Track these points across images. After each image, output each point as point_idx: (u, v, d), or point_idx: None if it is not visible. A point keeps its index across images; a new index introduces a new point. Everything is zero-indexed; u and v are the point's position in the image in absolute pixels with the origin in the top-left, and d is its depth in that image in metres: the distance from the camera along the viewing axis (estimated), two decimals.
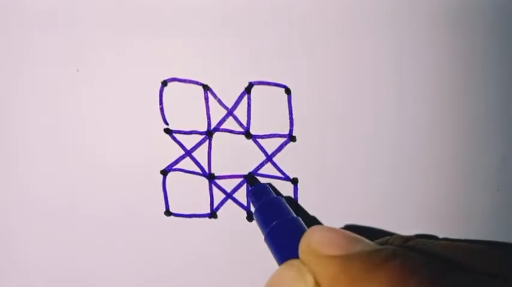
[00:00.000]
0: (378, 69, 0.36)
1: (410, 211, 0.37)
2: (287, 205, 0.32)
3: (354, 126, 0.36)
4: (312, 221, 0.37)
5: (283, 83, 0.36)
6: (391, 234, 0.35)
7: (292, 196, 0.37)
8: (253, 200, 0.34)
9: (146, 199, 0.38)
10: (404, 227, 0.37)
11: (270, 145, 0.37)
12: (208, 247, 0.38)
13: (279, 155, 0.37)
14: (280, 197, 0.33)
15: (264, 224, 0.31)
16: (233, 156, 0.37)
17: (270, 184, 0.37)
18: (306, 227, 0.28)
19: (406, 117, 0.36)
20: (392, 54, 0.35)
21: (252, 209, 0.35)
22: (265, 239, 0.30)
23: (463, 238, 0.37)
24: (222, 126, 0.37)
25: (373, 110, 0.36)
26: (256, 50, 0.36)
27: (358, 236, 0.24)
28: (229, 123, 0.37)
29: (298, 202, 0.37)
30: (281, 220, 0.30)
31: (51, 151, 0.37)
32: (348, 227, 0.37)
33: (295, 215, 0.31)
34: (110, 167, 0.37)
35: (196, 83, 0.36)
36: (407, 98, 0.36)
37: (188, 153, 0.37)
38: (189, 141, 0.37)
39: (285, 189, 0.37)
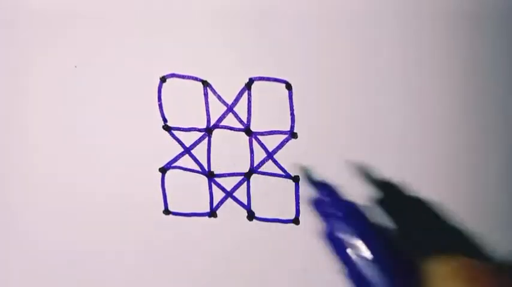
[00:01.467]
0: (381, 64, 0.35)
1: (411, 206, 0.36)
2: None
3: (356, 123, 0.35)
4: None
5: (284, 79, 0.35)
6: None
7: (294, 194, 0.36)
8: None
9: (144, 198, 0.37)
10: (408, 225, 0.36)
11: (271, 142, 0.36)
12: (208, 247, 0.37)
13: (280, 152, 0.36)
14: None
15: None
16: (233, 153, 0.36)
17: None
18: None
19: (410, 115, 0.35)
20: (395, 50, 0.35)
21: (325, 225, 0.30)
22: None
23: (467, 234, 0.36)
24: (222, 123, 0.36)
25: (376, 106, 0.35)
26: (257, 45, 0.35)
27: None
28: (229, 120, 0.36)
29: (299, 201, 0.36)
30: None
31: (48, 147, 0.36)
32: None
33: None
34: (107, 165, 0.36)
35: (196, 79, 0.35)
36: (412, 96, 0.35)
37: (187, 150, 0.36)
38: (188, 138, 0.36)
39: (286, 187, 0.36)
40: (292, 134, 0.36)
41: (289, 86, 0.35)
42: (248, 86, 0.35)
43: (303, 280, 0.37)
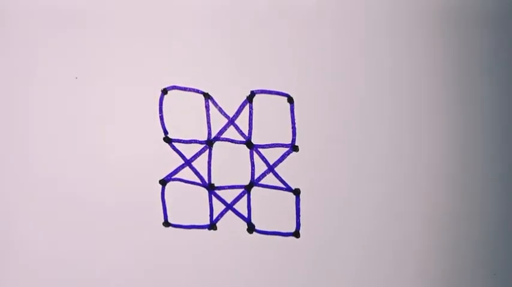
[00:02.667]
0: (383, 77, 0.35)
1: (414, 219, 0.36)
2: None
3: (358, 135, 0.35)
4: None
5: (286, 92, 0.35)
6: None
7: (294, 207, 0.36)
8: None
9: (144, 209, 0.37)
10: (408, 233, 0.36)
11: (272, 155, 0.36)
12: (208, 259, 0.37)
13: (281, 165, 0.36)
14: None
15: None
16: (234, 166, 0.36)
17: None
18: None
19: (411, 126, 0.35)
20: (398, 62, 0.35)
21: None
22: None
23: (466, 252, 0.36)
24: (223, 136, 0.36)
25: (378, 118, 0.35)
26: (259, 58, 0.35)
27: None
28: (230, 133, 0.36)
29: (300, 213, 0.36)
30: None
31: (47, 157, 0.36)
32: None
33: None
34: (107, 176, 0.36)
35: (197, 91, 0.35)
36: (413, 107, 0.35)
37: (188, 162, 0.36)
38: (189, 150, 0.36)
39: (287, 200, 0.36)
40: (294, 147, 0.36)
41: (290, 100, 0.35)
42: (249, 99, 0.35)
43: None
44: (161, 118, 0.36)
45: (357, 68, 0.35)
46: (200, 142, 0.36)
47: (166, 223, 0.37)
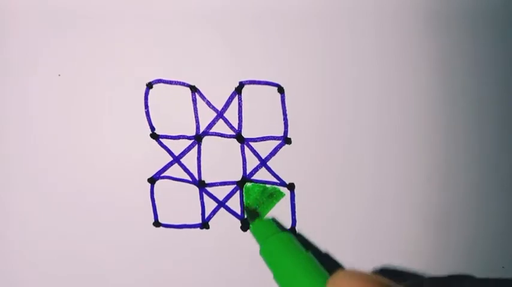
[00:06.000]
0: (376, 66, 0.33)
1: (412, 216, 0.35)
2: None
3: (352, 126, 0.34)
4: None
5: (276, 82, 0.34)
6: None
7: (289, 202, 0.35)
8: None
9: (133, 209, 0.35)
10: (406, 233, 0.35)
11: (264, 149, 0.34)
12: (200, 259, 0.36)
13: (273, 159, 0.34)
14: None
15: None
16: (224, 161, 0.35)
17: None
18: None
19: (410, 117, 0.34)
20: (391, 51, 0.33)
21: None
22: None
23: (474, 245, 0.34)
24: (212, 130, 0.34)
25: (372, 109, 0.34)
26: (246, 47, 0.33)
27: (391, 284, 0.22)
28: (220, 127, 0.34)
29: (295, 209, 0.35)
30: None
31: (29, 158, 0.35)
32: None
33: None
34: (93, 176, 0.35)
35: (183, 84, 0.34)
36: (411, 96, 0.34)
37: (176, 159, 0.35)
38: (177, 146, 0.35)
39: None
40: (286, 140, 0.34)
41: (281, 90, 0.33)
42: (238, 90, 0.34)
43: None
44: (147, 113, 0.34)
45: (352, 56, 0.33)
46: (188, 137, 0.35)
47: (157, 223, 0.35)
